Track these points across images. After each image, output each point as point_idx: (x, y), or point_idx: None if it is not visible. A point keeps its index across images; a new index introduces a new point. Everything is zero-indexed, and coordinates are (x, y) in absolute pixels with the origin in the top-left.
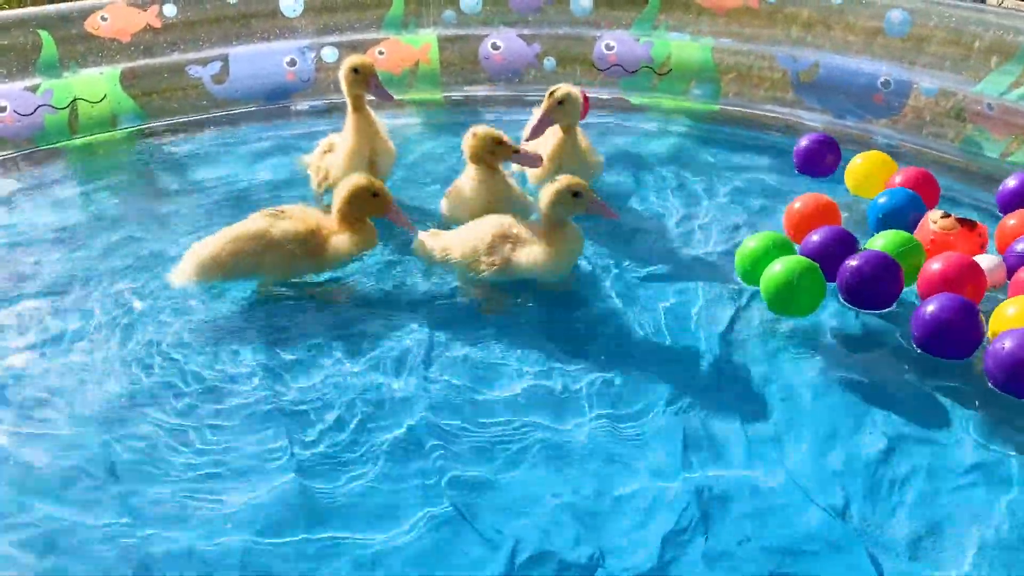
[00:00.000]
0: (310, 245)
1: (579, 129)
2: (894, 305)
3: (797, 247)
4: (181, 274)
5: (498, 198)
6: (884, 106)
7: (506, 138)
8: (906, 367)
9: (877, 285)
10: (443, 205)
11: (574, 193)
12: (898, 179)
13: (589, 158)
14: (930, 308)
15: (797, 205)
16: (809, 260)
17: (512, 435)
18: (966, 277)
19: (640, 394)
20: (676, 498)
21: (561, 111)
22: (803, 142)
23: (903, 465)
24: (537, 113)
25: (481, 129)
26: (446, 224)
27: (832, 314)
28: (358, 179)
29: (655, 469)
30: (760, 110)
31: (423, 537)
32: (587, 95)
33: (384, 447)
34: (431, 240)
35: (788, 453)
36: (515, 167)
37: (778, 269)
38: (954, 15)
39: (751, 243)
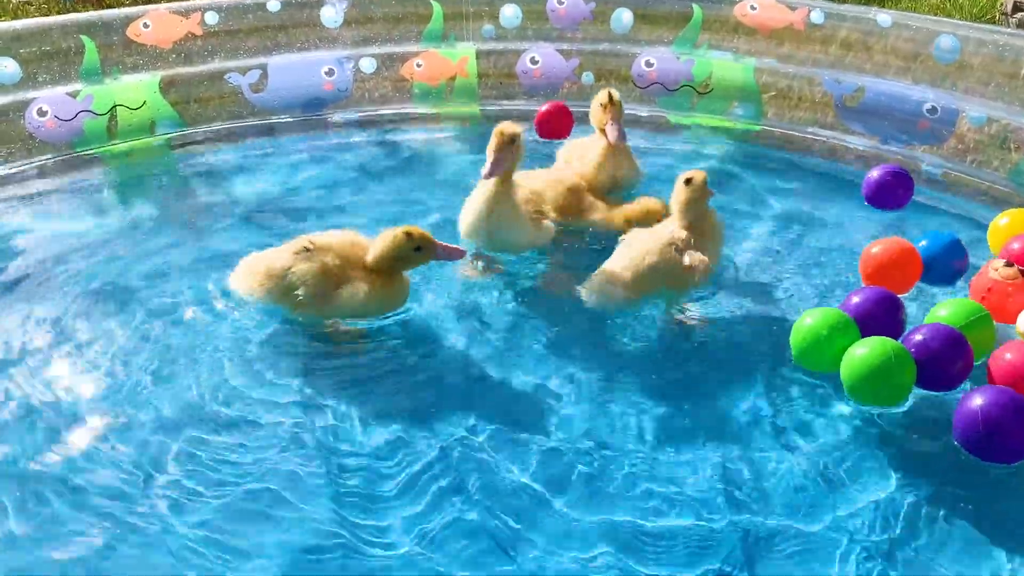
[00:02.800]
0: (322, 289)
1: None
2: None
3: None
4: (234, 282)
5: (505, 213)
6: (930, 133)
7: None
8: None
9: (944, 366)
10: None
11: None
12: (1016, 245)
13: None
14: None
15: (875, 250)
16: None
17: (552, 470)
18: None
19: (681, 432)
20: (720, 539)
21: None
22: (874, 173)
23: (947, 511)
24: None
25: None
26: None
27: None
28: (397, 235)
29: (698, 509)
30: (803, 132)
31: (464, 571)
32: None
33: (422, 480)
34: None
35: (833, 496)
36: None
37: (862, 353)
38: (1004, 43)
39: (808, 320)
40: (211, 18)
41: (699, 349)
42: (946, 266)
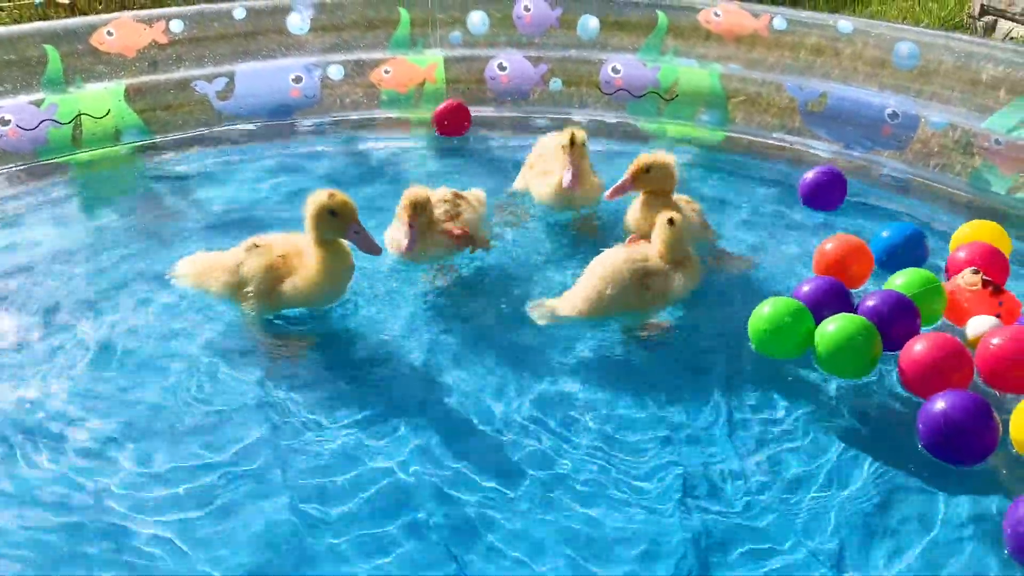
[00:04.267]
0: (268, 283)
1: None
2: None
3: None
4: (179, 276)
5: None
6: (892, 138)
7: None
8: (906, 413)
9: (891, 329)
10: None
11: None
12: (962, 254)
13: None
14: (939, 406)
15: (829, 246)
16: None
17: (506, 476)
18: (951, 364)
19: (637, 436)
20: (674, 544)
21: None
22: (809, 175)
23: (899, 515)
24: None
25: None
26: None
27: None
28: (318, 196)
29: (653, 513)
30: (768, 139)
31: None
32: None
33: (376, 485)
34: None
35: (785, 499)
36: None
37: (832, 329)
38: (962, 49)
39: (766, 308)
40: (176, 26)
41: (657, 349)
42: (906, 257)
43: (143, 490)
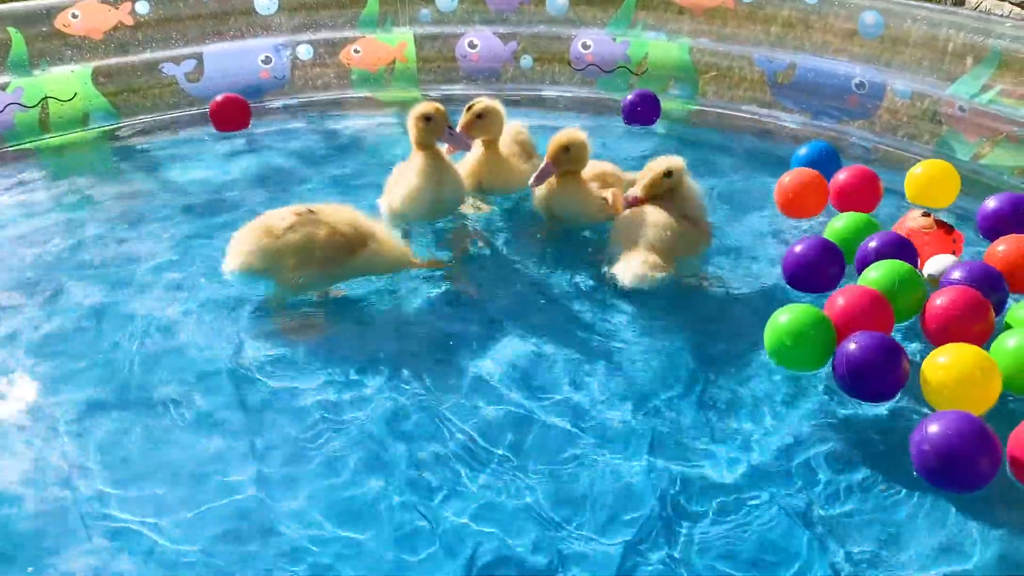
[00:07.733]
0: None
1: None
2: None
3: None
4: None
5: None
6: (859, 108)
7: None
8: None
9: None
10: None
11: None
12: (842, 176)
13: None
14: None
15: (787, 180)
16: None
17: (476, 439)
18: (876, 311)
19: (605, 396)
20: (639, 503)
21: (479, 125)
22: (629, 96)
23: (865, 469)
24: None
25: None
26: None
27: None
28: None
29: (619, 473)
30: (737, 111)
31: (384, 541)
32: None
33: (347, 450)
34: None
35: (754, 456)
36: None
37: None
38: (928, 17)
39: (783, 317)
40: (142, 7)
41: (622, 323)
42: (825, 172)
43: (107, 469)
